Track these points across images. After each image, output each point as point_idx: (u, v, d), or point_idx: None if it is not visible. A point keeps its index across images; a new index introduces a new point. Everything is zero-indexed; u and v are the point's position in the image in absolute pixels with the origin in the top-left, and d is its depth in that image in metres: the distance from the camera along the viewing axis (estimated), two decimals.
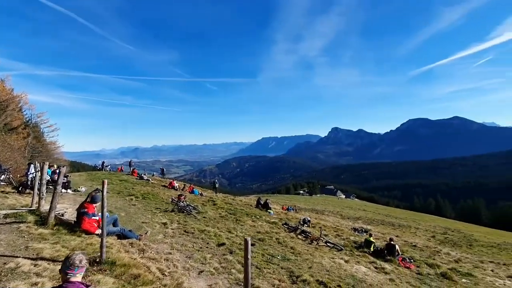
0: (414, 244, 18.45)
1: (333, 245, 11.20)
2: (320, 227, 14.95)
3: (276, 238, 10.27)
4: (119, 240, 6.43)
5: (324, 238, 11.72)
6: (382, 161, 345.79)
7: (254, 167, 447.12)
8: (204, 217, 12.00)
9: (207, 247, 7.56)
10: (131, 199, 13.18)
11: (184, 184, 24.32)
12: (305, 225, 16.33)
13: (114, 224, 7.01)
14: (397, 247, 11.41)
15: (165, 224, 9.32)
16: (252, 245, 8.59)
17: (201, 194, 21.15)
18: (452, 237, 28.32)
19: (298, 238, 11.71)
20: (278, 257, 7.75)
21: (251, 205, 19.60)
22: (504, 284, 10.69)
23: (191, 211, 12.04)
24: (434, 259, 13.20)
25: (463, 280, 9.98)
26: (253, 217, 14.34)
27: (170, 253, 6.41)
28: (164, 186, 21.13)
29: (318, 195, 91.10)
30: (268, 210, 18.37)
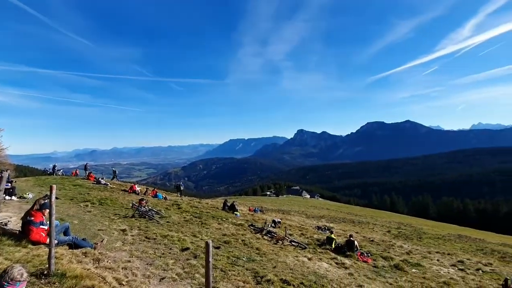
0: (371, 239, 19.71)
1: (297, 244, 11.52)
2: (285, 227, 15.27)
3: (242, 240, 10.28)
4: (70, 250, 5.93)
5: (289, 238, 12.00)
6: (344, 162, 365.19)
7: (222, 169, 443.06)
8: (167, 221, 11.58)
9: (170, 253, 7.30)
10: (86, 205, 12.24)
11: (147, 188, 23.25)
12: (276, 226, 16.65)
13: (65, 233, 6.46)
14: (356, 243, 12.10)
15: (124, 230, 8.81)
16: (217, 248, 8.50)
17: (165, 198, 20.40)
18: (405, 231, 30.76)
19: (264, 238, 11.84)
20: (244, 259, 7.76)
21: (217, 208, 19.37)
22: (448, 272, 11.90)
23: (153, 216, 11.54)
24: (388, 252, 14.24)
25: (413, 270, 10.90)
26: (219, 219, 14.18)
27: (129, 261, 6.07)
28: (124, 190, 19.99)
29: (285, 196, 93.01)
30: (235, 212, 18.31)
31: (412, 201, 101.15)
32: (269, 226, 14.94)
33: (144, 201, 13.75)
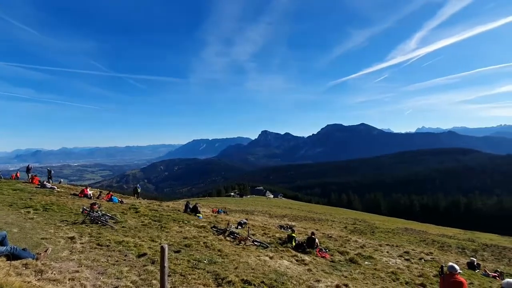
0: (330, 235, 20.77)
1: (259, 244, 11.65)
2: (249, 227, 15.35)
3: (204, 242, 10.09)
4: (8, 261, 5.27)
5: (251, 238, 12.08)
6: (306, 162, 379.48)
7: (184, 170, 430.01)
8: (123, 226, 10.90)
9: (124, 260, 6.87)
10: (28, 212, 10.98)
11: (101, 191, 21.61)
12: (242, 227, 16.67)
13: (2, 242, 5.75)
14: (316, 240, 12.65)
15: (72, 238, 8.08)
16: (177, 252, 8.23)
17: (121, 202, 19.16)
18: (360, 227, 32.97)
19: (227, 240, 11.77)
20: (205, 261, 7.62)
21: (179, 210, 18.74)
22: (396, 263, 13.02)
23: (107, 221, 10.77)
24: (345, 247, 15.11)
25: (366, 262, 11.72)
26: (180, 222, 13.74)
27: (78, 271, 5.58)
28: (74, 194, 18.34)
29: (249, 196, 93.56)
30: (197, 214, 17.90)
31: (366, 199, 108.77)
32: (232, 227, 14.89)
33: (97, 205, 12.77)
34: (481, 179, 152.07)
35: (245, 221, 18.33)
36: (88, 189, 19.68)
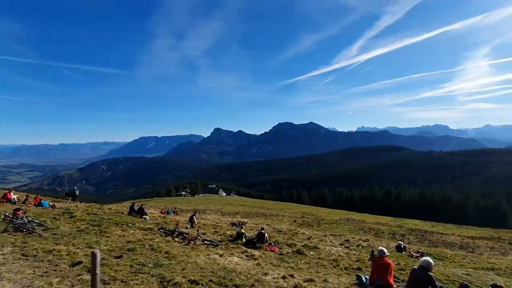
0: (280, 229, 21.57)
1: (209, 242, 11.54)
2: (199, 227, 15.07)
3: (150, 245, 9.59)
4: None
5: (201, 237, 11.89)
6: (258, 160, 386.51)
7: (130, 170, 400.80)
8: (54, 234, 9.74)
9: (55, 270, 6.15)
10: None
11: (27, 195, 18.94)
12: (192, 225, 16.30)
13: None
14: (266, 234, 13.01)
15: None
16: (118, 257, 7.68)
17: (53, 206, 17.08)
18: (307, 220, 34.94)
19: (175, 241, 11.37)
20: (150, 265, 7.25)
21: (122, 213, 17.47)
22: (337, 250, 14.14)
23: (34, 229, 9.50)
24: (293, 239, 15.88)
25: (311, 252, 12.51)
26: (123, 226, 12.82)
27: None
28: None
29: (201, 195, 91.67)
30: (144, 216, 16.90)
31: (314, 193, 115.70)
32: (188, 227, 14.45)
33: (22, 211, 11.19)
34: (408, 172, 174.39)
35: (194, 219, 17.90)
36: (11, 193, 17.13)
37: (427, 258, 6.36)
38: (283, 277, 7.26)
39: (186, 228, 15.39)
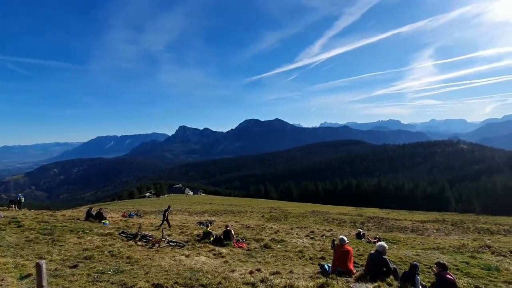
0: (248, 225, 21.69)
1: (175, 243, 11.21)
2: (164, 228, 14.55)
3: (110, 251, 9.03)
4: None
5: (166, 239, 11.50)
6: (225, 157, 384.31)
7: (86, 172, 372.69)
8: None
9: (1, 285, 5.51)
10: None
11: None
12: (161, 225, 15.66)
13: None
14: (232, 231, 13.00)
15: None
16: (73, 267, 7.11)
17: None
18: (275, 214, 35.66)
19: (138, 244, 10.85)
20: (110, 272, 6.83)
21: (78, 219, 16.19)
22: (303, 242, 14.62)
23: None
24: (261, 234, 16.07)
25: (278, 246, 12.79)
26: (79, 232, 11.89)
27: None
28: None
29: (166, 195, 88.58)
30: (103, 221, 15.84)
31: (281, 188, 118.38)
32: (142, 230, 13.83)
33: None
34: (366, 164, 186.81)
35: (167, 215, 17.26)
36: None
37: (382, 243, 6.91)
38: (250, 272, 7.33)
39: (164, 229, 14.76)
